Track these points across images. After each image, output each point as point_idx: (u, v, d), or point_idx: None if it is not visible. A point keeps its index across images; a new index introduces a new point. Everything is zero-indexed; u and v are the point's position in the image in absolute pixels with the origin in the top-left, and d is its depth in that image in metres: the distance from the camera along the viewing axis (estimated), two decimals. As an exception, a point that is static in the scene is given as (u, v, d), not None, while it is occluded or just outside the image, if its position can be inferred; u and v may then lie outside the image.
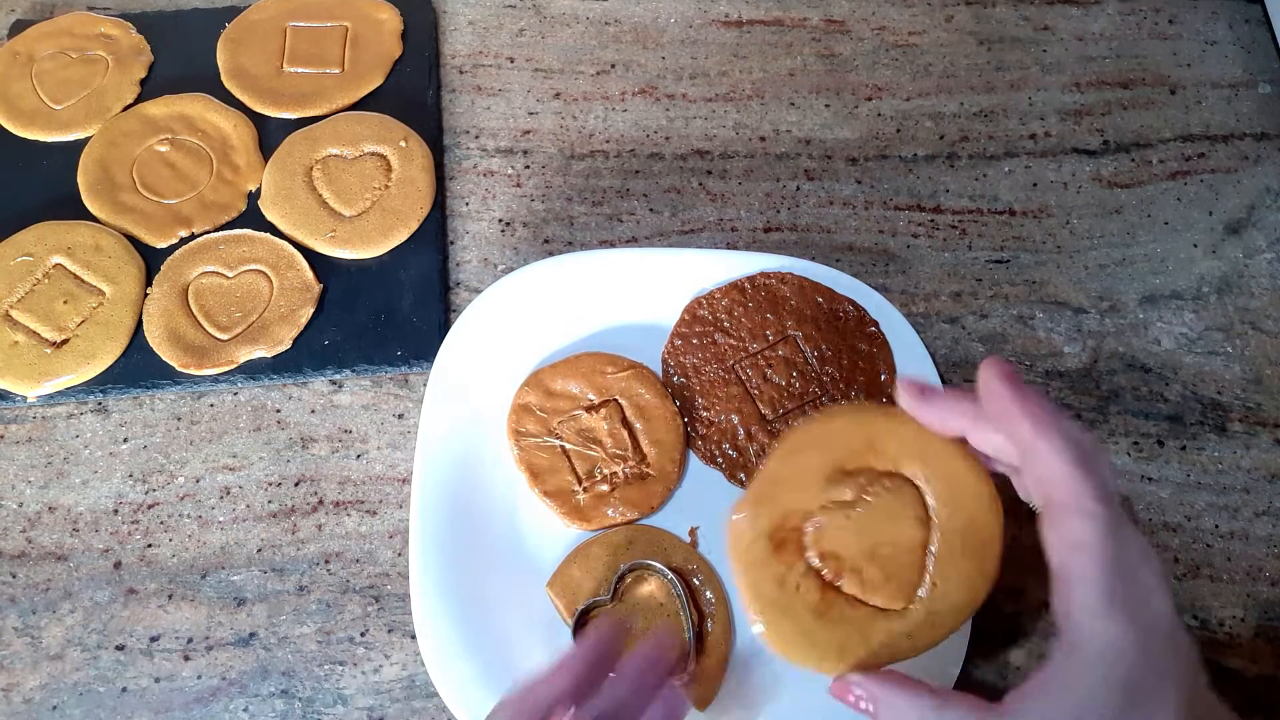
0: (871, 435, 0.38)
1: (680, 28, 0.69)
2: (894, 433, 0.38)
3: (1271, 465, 0.54)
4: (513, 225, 0.61)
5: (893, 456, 0.38)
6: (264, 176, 0.61)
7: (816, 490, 0.38)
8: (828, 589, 0.37)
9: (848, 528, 0.37)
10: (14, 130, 0.63)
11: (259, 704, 0.48)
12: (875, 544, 0.37)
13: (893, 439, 0.38)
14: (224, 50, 0.66)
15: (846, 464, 0.38)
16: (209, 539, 0.51)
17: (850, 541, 0.37)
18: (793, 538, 0.37)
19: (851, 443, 0.38)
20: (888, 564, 0.36)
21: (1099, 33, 0.69)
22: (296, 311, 0.56)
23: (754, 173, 0.63)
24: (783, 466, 0.38)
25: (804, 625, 0.36)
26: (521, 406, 0.52)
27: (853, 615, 0.36)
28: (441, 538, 0.48)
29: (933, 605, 0.36)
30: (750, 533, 0.37)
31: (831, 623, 0.36)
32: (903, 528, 0.37)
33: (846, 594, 0.37)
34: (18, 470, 0.53)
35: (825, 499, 0.37)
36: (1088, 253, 0.61)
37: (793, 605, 0.36)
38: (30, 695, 0.48)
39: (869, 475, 0.38)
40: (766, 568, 0.37)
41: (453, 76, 0.67)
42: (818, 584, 0.37)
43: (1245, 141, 0.65)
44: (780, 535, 0.37)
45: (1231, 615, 0.50)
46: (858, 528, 0.37)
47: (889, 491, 0.37)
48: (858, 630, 0.36)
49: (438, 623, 0.46)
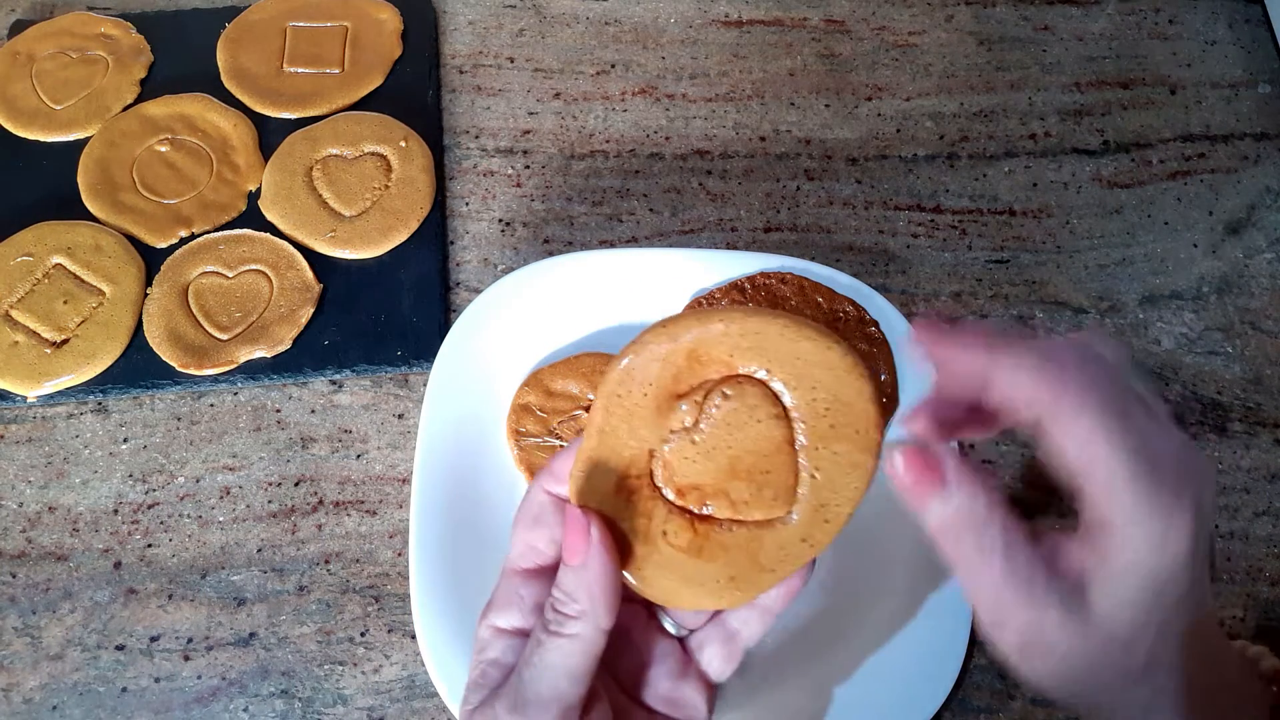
0: (693, 348, 0.33)
1: (680, 28, 0.69)
2: (717, 335, 0.33)
3: (1271, 465, 0.54)
4: (513, 225, 0.61)
5: (724, 360, 0.33)
6: (264, 176, 0.61)
7: (651, 426, 0.34)
8: (698, 522, 0.33)
9: (697, 453, 0.33)
10: (14, 130, 0.63)
11: (259, 704, 0.48)
12: (733, 458, 0.33)
13: (719, 343, 0.33)
14: (224, 50, 0.66)
15: (676, 388, 0.34)
16: (209, 539, 0.51)
17: (705, 466, 0.33)
18: (643, 484, 0.34)
19: (674, 363, 0.34)
20: (754, 474, 0.33)
21: (1099, 33, 0.69)
22: (296, 311, 0.56)
23: (754, 173, 0.63)
24: (607, 415, 0.34)
25: (684, 571, 0.33)
26: (521, 406, 0.52)
27: (733, 540, 0.33)
28: (441, 538, 0.48)
29: (819, 498, 0.33)
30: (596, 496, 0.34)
31: (710, 557, 0.33)
32: (759, 431, 0.33)
33: (720, 519, 0.33)
34: (18, 470, 0.53)
35: (664, 431, 0.34)
36: (1088, 253, 0.61)
37: (666, 555, 0.33)
38: (30, 695, 0.48)
39: (703, 389, 0.34)
40: (624, 524, 0.34)
41: (453, 76, 0.67)
42: (685, 522, 0.33)
43: (1245, 141, 0.65)
44: (628, 486, 0.34)
45: (1231, 615, 0.50)
46: (708, 448, 0.33)
47: (731, 398, 0.33)
48: (744, 554, 0.33)
49: (438, 623, 0.46)
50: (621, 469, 0.34)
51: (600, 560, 0.32)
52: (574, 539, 0.33)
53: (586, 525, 0.32)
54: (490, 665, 0.34)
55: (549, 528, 0.35)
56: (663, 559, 0.34)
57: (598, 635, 0.32)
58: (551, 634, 0.32)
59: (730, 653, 0.36)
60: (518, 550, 0.35)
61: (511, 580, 0.35)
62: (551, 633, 0.32)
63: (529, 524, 0.35)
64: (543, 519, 0.35)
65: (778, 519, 0.33)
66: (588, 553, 0.32)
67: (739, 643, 0.36)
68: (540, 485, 0.35)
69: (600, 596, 0.32)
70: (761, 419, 0.33)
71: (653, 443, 0.34)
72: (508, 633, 0.34)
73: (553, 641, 0.32)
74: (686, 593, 0.34)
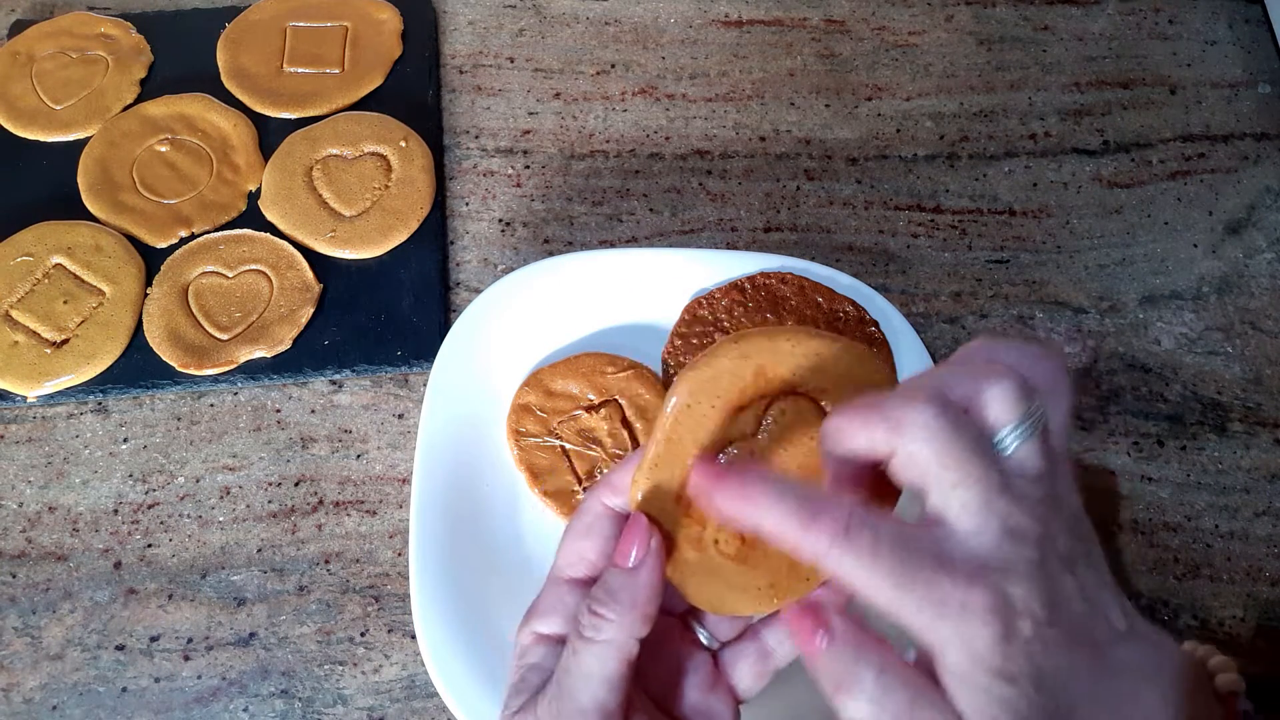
0: (761, 364, 0.35)
1: (680, 28, 0.69)
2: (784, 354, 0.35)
3: (1271, 465, 0.54)
4: (513, 225, 0.61)
5: (784, 378, 0.35)
6: (264, 176, 0.61)
7: (714, 437, 0.35)
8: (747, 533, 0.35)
9: (753, 461, 0.35)
10: (14, 130, 0.63)
11: (259, 704, 0.48)
12: (784, 468, 0.35)
13: (784, 361, 0.35)
14: (224, 50, 0.66)
15: (740, 401, 0.35)
16: (209, 539, 0.51)
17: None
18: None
19: (741, 379, 0.35)
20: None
21: (1099, 33, 0.69)
22: (296, 311, 0.56)
23: (754, 173, 0.63)
24: (675, 424, 0.35)
25: (731, 579, 0.35)
26: (521, 406, 0.52)
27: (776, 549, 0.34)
28: (441, 538, 0.48)
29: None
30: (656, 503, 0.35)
31: (756, 565, 0.35)
32: (810, 447, 0.35)
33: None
34: (18, 470, 0.53)
35: (724, 442, 0.35)
36: (1088, 253, 0.61)
37: (715, 563, 0.35)
38: (30, 695, 0.48)
39: (764, 403, 0.36)
40: (681, 531, 0.35)
41: (453, 76, 0.67)
42: (734, 532, 0.35)
43: (1245, 141, 0.65)
44: (687, 494, 0.35)
45: (1231, 615, 0.50)
46: (763, 457, 0.35)
47: (787, 414, 0.35)
48: (785, 561, 0.34)
49: (438, 623, 0.46)
50: (683, 478, 0.35)
51: (652, 566, 0.33)
52: (632, 543, 0.33)
53: (649, 531, 0.33)
54: (530, 670, 0.34)
55: (601, 539, 0.35)
56: (712, 566, 0.35)
57: (630, 642, 0.32)
58: (586, 640, 0.32)
59: (762, 671, 0.36)
60: (566, 559, 0.35)
61: (558, 588, 0.35)
62: (586, 639, 0.32)
63: (581, 533, 0.35)
64: (595, 529, 0.35)
65: None
66: (644, 556, 0.33)
67: (772, 663, 0.36)
68: (597, 496, 0.36)
69: (642, 602, 0.32)
70: (813, 435, 0.35)
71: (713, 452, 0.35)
72: (549, 639, 0.34)
73: (589, 648, 0.32)
74: (730, 598, 0.35)
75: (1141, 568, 0.51)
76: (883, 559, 0.28)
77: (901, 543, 0.28)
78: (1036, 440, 0.29)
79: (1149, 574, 0.51)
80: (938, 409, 0.28)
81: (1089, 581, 0.29)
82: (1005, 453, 0.29)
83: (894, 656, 0.29)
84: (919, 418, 0.28)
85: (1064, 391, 0.31)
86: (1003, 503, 0.28)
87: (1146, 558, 0.51)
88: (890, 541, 0.28)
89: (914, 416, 0.28)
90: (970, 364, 0.30)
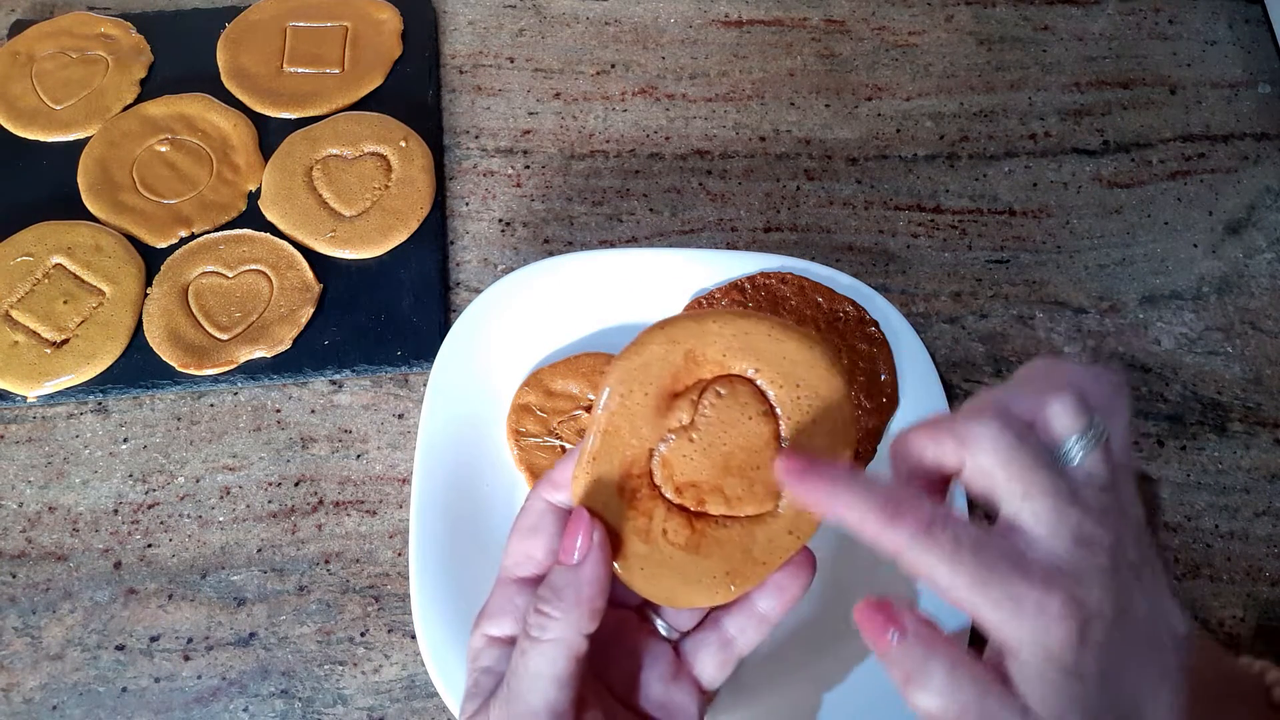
0: (690, 348, 0.35)
1: (680, 28, 0.69)
2: (711, 336, 0.35)
3: (1271, 465, 0.54)
4: (513, 225, 0.61)
5: (717, 360, 0.35)
6: (264, 176, 0.61)
7: (651, 426, 0.35)
8: (695, 519, 0.35)
9: (694, 450, 0.35)
10: (14, 130, 0.63)
11: (259, 704, 0.48)
12: (727, 455, 0.35)
13: (712, 343, 0.35)
14: (224, 50, 0.66)
15: (674, 387, 0.35)
16: (209, 539, 0.51)
17: (702, 463, 0.35)
18: (643, 483, 0.35)
19: (673, 364, 0.35)
20: (746, 470, 0.34)
21: (1099, 33, 0.69)
22: (296, 311, 0.56)
23: (754, 173, 0.63)
24: (611, 416, 0.35)
25: (683, 569, 0.34)
26: (521, 406, 0.52)
27: (727, 535, 0.34)
28: (441, 538, 0.48)
29: None
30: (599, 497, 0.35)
31: (707, 554, 0.34)
32: (749, 427, 0.35)
33: (715, 516, 0.35)
34: (18, 470, 0.53)
35: (662, 431, 0.35)
36: (1088, 253, 0.61)
37: (665, 554, 0.34)
38: (30, 695, 0.48)
39: (698, 388, 0.35)
40: (627, 525, 0.34)
41: (453, 76, 0.67)
42: (683, 520, 0.35)
43: (1245, 141, 0.65)
44: (630, 485, 0.35)
45: (1231, 615, 0.50)
46: (704, 446, 0.35)
47: (723, 396, 0.35)
48: (738, 548, 0.34)
49: (438, 623, 0.46)
50: (624, 469, 0.35)
51: (597, 560, 0.33)
52: (575, 538, 0.33)
53: (591, 525, 0.33)
54: (483, 674, 0.34)
55: (546, 536, 0.35)
56: (662, 558, 0.34)
57: (578, 639, 0.32)
58: (533, 640, 0.32)
59: (725, 660, 0.36)
60: (513, 559, 0.35)
61: (506, 589, 0.35)
62: (533, 639, 0.32)
63: (526, 532, 0.35)
64: (540, 527, 0.35)
65: (767, 513, 0.35)
66: (587, 551, 0.32)
67: (734, 650, 0.36)
68: (539, 494, 0.36)
69: (587, 598, 0.32)
70: (751, 416, 0.35)
71: (652, 441, 0.35)
72: (500, 641, 0.34)
73: (535, 648, 0.32)
74: (685, 591, 0.34)
75: (1141, 568, 0.51)
76: (963, 558, 0.28)
77: (981, 544, 0.29)
78: (1100, 451, 0.30)
79: (1149, 574, 0.51)
80: (1002, 423, 0.29)
81: (1153, 589, 0.30)
82: (1071, 464, 0.30)
83: (965, 654, 0.30)
84: (985, 431, 0.29)
85: (1122, 408, 0.32)
86: (1074, 513, 0.29)
87: (1146, 558, 0.52)
88: (970, 542, 0.29)
89: (980, 430, 0.29)
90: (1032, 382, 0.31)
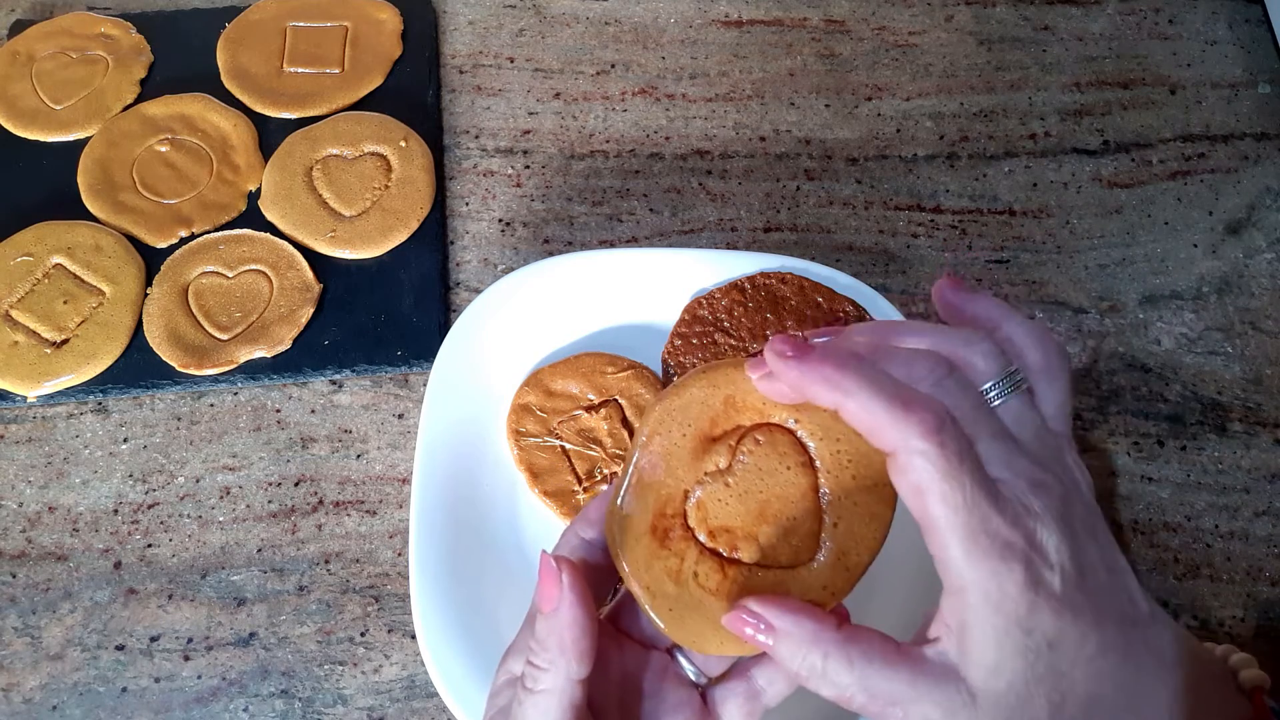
0: (730, 394, 0.35)
1: (680, 28, 0.69)
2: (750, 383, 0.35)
3: (1271, 465, 0.54)
4: (513, 225, 0.61)
5: (757, 408, 0.35)
6: (264, 176, 0.61)
7: (688, 467, 0.35)
8: (728, 565, 0.34)
9: (730, 495, 0.34)
10: (14, 130, 0.63)
11: (259, 704, 0.48)
12: (763, 503, 0.34)
13: (753, 390, 0.35)
14: (224, 50, 0.66)
15: (712, 431, 0.35)
16: (209, 539, 0.51)
17: (737, 509, 0.34)
18: (676, 524, 0.35)
19: (712, 407, 0.35)
20: (782, 519, 0.34)
21: (1099, 33, 0.69)
22: (296, 311, 0.56)
23: (754, 173, 0.63)
24: (645, 455, 0.35)
25: (713, 614, 0.33)
26: (521, 406, 0.52)
27: (760, 584, 0.34)
28: (441, 538, 0.48)
29: (840, 546, 0.34)
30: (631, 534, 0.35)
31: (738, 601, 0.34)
32: (787, 478, 0.34)
33: (749, 563, 0.34)
34: (18, 470, 0.53)
35: (699, 474, 0.35)
36: (1088, 253, 0.61)
37: (695, 597, 0.34)
38: (30, 695, 0.48)
39: (737, 434, 0.35)
40: (658, 564, 0.34)
41: (453, 76, 0.67)
42: (716, 564, 0.34)
43: (1245, 141, 0.65)
44: (663, 525, 0.34)
45: (1231, 615, 0.50)
46: (740, 492, 0.34)
47: (762, 445, 0.35)
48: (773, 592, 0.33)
49: (438, 623, 0.46)
50: (658, 508, 0.35)
51: (570, 606, 0.31)
52: (547, 585, 0.32)
53: (558, 572, 0.32)
54: (498, 714, 0.34)
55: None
56: (692, 600, 0.34)
57: (570, 686, 0.31)
58: (528, 691, 0.32)
59: (751, 711, 0.35)
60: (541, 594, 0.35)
61: (531, 626, 0.34)
62: (528, 690, 0.32)
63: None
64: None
65: (802, 565, 0.34)
66: (557, 598, 0.32)
67: (761, 702, 0.35)
68: (574, 530, 0.35)
69: (570, 645, 0.31)
70: (790, 466, 0.34)
71: (688, 483, 0.35)
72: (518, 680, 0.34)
73: (530, 699, 0.31)
74: (714, 637, 0.34)
75: (1141, 568, 0.51)
76: (965, 474, 0.28)
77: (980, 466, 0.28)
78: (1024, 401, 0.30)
79: (1149, 574, 0.51)
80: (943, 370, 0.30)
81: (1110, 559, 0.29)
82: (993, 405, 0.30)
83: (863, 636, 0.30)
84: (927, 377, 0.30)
85: (1060, 373, 0.32)
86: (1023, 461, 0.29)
87: (1146, 558, 0.51)
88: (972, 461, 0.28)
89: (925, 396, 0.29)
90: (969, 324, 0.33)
